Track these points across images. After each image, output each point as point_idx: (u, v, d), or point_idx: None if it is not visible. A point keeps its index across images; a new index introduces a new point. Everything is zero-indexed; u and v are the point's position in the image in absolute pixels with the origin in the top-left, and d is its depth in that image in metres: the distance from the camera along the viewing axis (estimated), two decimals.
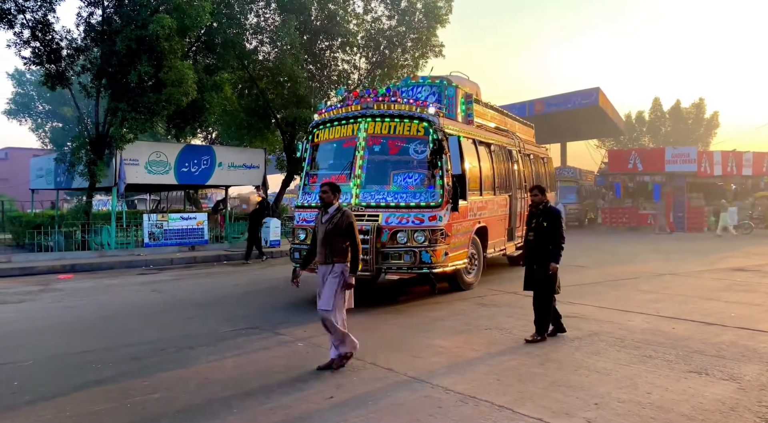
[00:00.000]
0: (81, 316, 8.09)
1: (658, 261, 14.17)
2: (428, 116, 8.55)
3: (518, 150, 12.50)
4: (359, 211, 8.13)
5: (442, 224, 8.19)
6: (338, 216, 5.36)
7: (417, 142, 8.62)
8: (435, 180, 8.39)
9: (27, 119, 39.44)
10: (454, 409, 4.34)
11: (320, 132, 9.31)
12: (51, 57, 15.57)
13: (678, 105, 43.10)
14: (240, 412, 4.32)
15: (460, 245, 8.89)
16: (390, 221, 8.12)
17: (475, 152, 9.89)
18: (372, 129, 8.71)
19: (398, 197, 8.35)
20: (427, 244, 8.01)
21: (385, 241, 8.03)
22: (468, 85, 11.66)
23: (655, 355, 5.72)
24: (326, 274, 5.35)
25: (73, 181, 17.88)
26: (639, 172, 27.34)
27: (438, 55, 22.36)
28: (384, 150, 8.76)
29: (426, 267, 8.05)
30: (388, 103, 8.75)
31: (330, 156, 9.41)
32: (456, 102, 10.23)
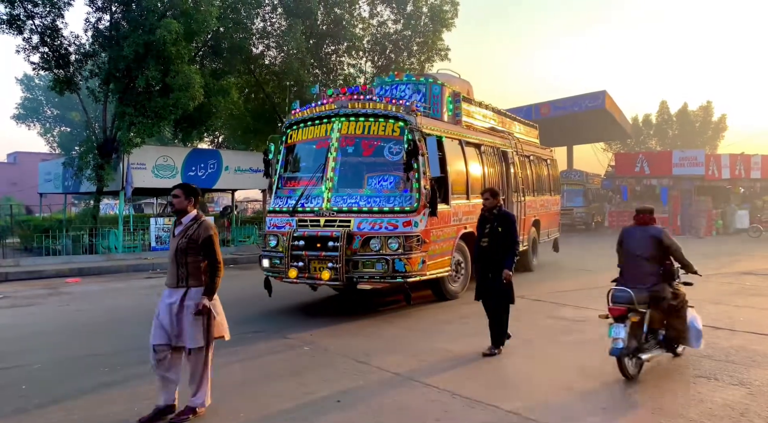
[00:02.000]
0: (89, 320, 8.13)
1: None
2: (404, 115, 8.01)
3: (515, 151, 11.90)
4: (330, 217, 7.76)
5: (417, 230, 7.64)
6: (194, 227, 4.30)
7: (392, 142, 8.09)
8: (411, 183, 7.84)
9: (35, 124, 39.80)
10: (461, 413, 4.33)
11: (294, 132, 8.83)
12: (59, 62, 15.72)
13: (685, 108, 42.94)
14: (248, 417, 4.32)
15: (441, 252, 8.34)
16: (362, 227, 7.61)
17: (461, 154, 9.35)
18: (345, 129, 8.21)
19: (371, 201, 7.81)
20: (401, 252, 7.46)
21: (357, 249, 7.51)
22: (457, 83, 11.17)
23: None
24: (179, 301, 4.25)
25: (81, 185, 18.00)
26: (646, 176, 27.21)
27: (444, 59, 22.41)
28: (358, 151, 8.27)
29: (400, 276, 7.49)
30: (363, 102, 8.24)
31: (304, 158, 8.93)
32: (442, 101, 9.77)
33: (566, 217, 27.82)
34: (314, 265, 7.60)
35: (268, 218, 8.70)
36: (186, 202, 4.35)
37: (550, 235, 14.17)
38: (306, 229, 7.82)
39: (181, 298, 4.25)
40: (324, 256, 7.51)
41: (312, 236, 7.69)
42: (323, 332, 7.04)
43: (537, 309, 8.41)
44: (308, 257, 7.61)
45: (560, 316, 7.86)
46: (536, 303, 8.91)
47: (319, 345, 6.43)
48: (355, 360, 5.76)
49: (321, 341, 6.58)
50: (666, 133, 42.86)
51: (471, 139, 9.92)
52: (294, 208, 8.09)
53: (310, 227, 7.81)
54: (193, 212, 4.37)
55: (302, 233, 7.75)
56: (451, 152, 8.76)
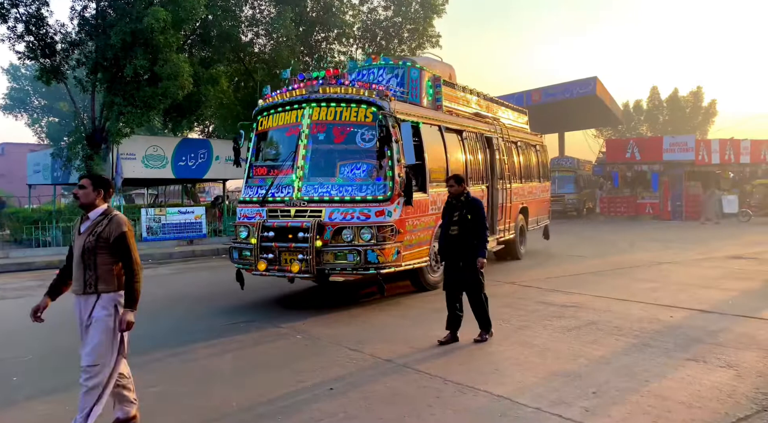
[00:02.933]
0: None
1: (657, 250, 14.19)
2: (376, 100, 7.68)
3: (501, 137, 11.61)
4: (301, 207, 7.53)
5: (391, 220, 7.39)
6: (104, 224, 3.69)
7: (365, 129, 7.77)
8: (384, 171, 7.56)
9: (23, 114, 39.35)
10: (452, 399, 4.36)
11: (264, 119, 8.52)
12: (45, 51, 15.50)
13: (675, 93, 43.07)
14: (240, 405, 4.33)
15: (419, 242, 8.10)
16: (334, 217, 7.37)
17: (441, 140, 9.02)
18: (316, 115, 7.91)
19: (343, 191, 7.55)
20: (374, 243, 7.21)
21: (328, 240, 7.28)
22: (438, 67, 10.80)
23: (653, 343, 5.74)
24: (88, 310, 3.72)
25: (71, 176, 17.84)
26: (637, 162, 27.32)
27: (435, 46, 22.32)
28: (329, 138, 7.96)
29: (373, 267, 7.23)
30: (334, 87, 7.91)
31: (275, 145, 8.63)
32: (421, 85, 9.42)
33: (557, 204, 27.92)
34: (285, 256, 7.40)
35: (238, 209, 8.49)
36: (94, 194, 3.74)
37: (540, 223, 14.01)
38: (276, 219, 7.61)
39: (95, 306, 3.68)
40: (294, 247, 7.31)
41: (282, 227, 7.48)
42: (315, 321, 7.05)
43: (527, 295, 8.46)
44: (278, 249, 7.42)
45: (550, 301, 7.91)
46: (526, 289, 8.96)
47: (312, 334, 6.44)
48: (348, 348, 5.78)
49: (313, 330, 6.60)
50: (657, 119, 43.01)
51: (452, 125, 9.59)
52: (264, 198, 7.88)
53: (281, 218, 7.60)
54: (102, 206, 3.76)
55: (272, 224, 7.55)
56: (429, 139, 8.55)
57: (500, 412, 4.07)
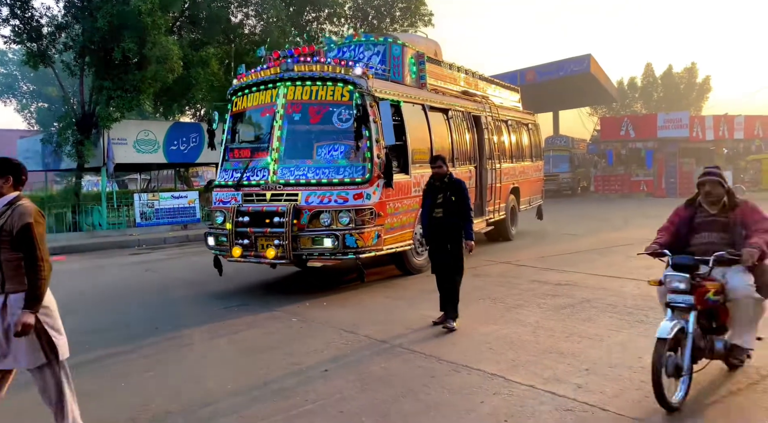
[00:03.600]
0: (75, 298, 8.07)
1: (651, 227, 14.10)
2: (352, 78, 7.39)
3: (490, 116, 11.31)
4: (277, 190, 7.29)
5: (370, 203, 7.17)
6: (8, 214, 3.21)
7: (342, 108, 7.49)
8: (362, 152, 7.32)
9: (11, 100, 38.84)
10: (446, 378, 4.38)
11: (239, 99, 8.24)
12: (32, 35, 15.26)
13: (670, 70, 42.86)
14: (236, 388, 4.34)
15: (401, 225, 7.91)
16: (310, 201, 7.15)
17: (424, 119, 8.74)
18: (291, 94, 7.61)
19: (320, 173, 7.29)
20: (352, 227, 7.01)
21: (305, 224, 7.07)
22: (423, 43, 10.53)
23: (646, 320, 5.77)
24: None
25: (62, 162, 17.73)
26: (631, 139, 27.30)
27: (428, 25, 22.08)
28: (305, 119, 7.68)
29: (352, 252, 7.07)
30: (309, 65, 7.60)
31: (250, 127, 8.40)
32: (403, 62, 9.10)
33: (552, 183, 27.95)
34: (261, 242, 7.20)
35: (214, 193, 8.25)
36: (1, 181, 3.28)
37: (532, 203, 13.80)
38: (251, 204, 7.40)
39: (3, 306, 3.18)
40: (270, 232, 7.10)
41: (257, 212, 7.26)
42: (310, 304, 7.06)
43: (521, 273, 8.49)
44: (254, 234, 7.22)
45: (544, 280, 7.93)
46: (521, 268, 8.99)
47: (306, 316, 6.45)
48: (343, 330, 5.79)
49: (307, 313, 6.61)
50: (651, 96, 42.86)
51: (436, 103, 9.29)
52: (239, 182, 7.65)
53: (256, 202, 7.39)
54: (10, 195, 3.28)
55: (247, 208, 7.35)
56: (412, 118, 8.30)
57: (494, 390, 4.09)
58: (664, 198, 25.02)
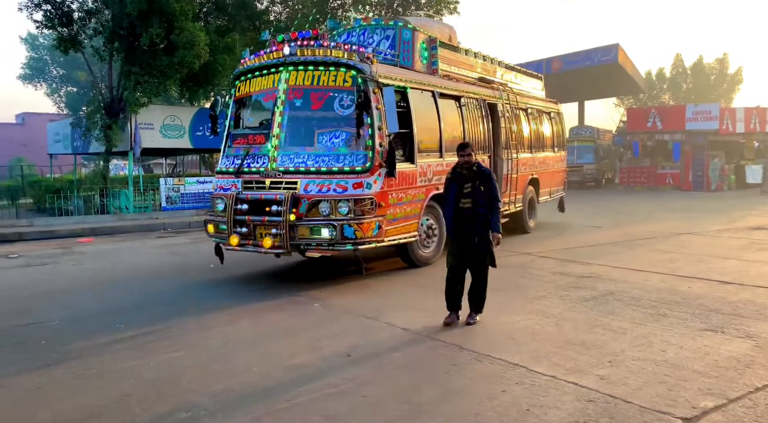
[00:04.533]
0: (103, 279, 8.28)
1: (676, 220, 14.03)
2: (355, 63, 7.18)
3: (508, 104, 10.91)
4: (276, 178, 7.12)
5: (370, 193, 6.98)
6: None
7: (344, 94, 7.27)
8: (363, 140, 7.11)
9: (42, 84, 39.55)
10: (468, 366, 4.41)
11: (242, 84, 8.07)
12: (63, 20, 15.51)
13: (700, 60, 41.83)
14: (260, 371, 4.43)
15: (405, 216, 7.67)
16: (309, 189, 6.96)
17: (434, 106, 8.47)
18: (293, 79, 7.40)
19: (320, 161, 7.10)
20: (351, 217, 6.83)
21: (303, 213, 6.89)
22: (437, 28, 10.15)
23: (670, 313, 5.72)
24: None
25: (90, 146, 18.06)
26: (658, 131, 26.79)
27: (453, 12, 21.90)
28: (306, 104, 7.45)
29: (350, 243, 6.88)
30: (312, 49, 7.37)
31: (252, 112, 8.26)
32: (413, 47, 8.78)
33: (576, 174, 27.64)
34: (260, 231, 7.06)
35: (215, 179, 8.14)
36: None
37: (553, 195, 13.36)
38: (251, 191, 7.28)
39: None
40: (267, 221, 6.95)
41: (256, 200, 7.14)
42: (332, 289, 7.14)
43: (544, 265, 8.45)
44: (252, 222, 7.08)
45: (567, 272, 7.89)
46: (543, 259, 8.95)
47: (328, 302, 6.52)
48: (364, 316, 5.85)
49: (330, 298, 6.68)
50: (680, 87, 41.92)
51: (447, 90, 8.96)
52: (239, 169, 7.51)
53: (255, 189, 7.27)
54: None
55: (246, 196, 7.22)
56: (420, 105, 8.09)
57: (516, 379, 4.11)
58: (691, 191, 24.60)
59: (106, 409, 3.78)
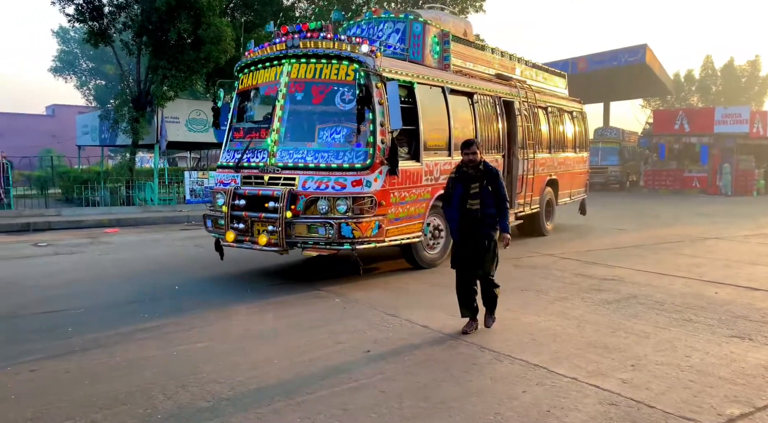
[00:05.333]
0: (128, 269, 8.42)
1: (703, 225, 13.78)
2: (358, 56, 6.91)
3: (525, 102, 10.54)
4: (275, 173, 6.94)
5: (370, 191, 6.74)
6: None
7: (345, 88, 7.04)
8: (364, 136, 6.87)
9: (72, 77, 40.32)
10: (488, 366, 4.39)
11: (245, 77, 7.86)
12: (93, 14, 15.81)
13: (731, 62, 40.97)
14: (280, 363, 4.47)
15: (409, 215, 7.44)
16: (307, 186, 6.75)
17: (443, 103, 8.19)
18: (295, 73, 7.19)
19: (319, 157, 6.89)
20: (349, 215, 6.61)
21: (300, 211, 6.70)
22: (451, 22, 9.78)
23: (696, 319, 5.63)
24: None
25: (117, 138, 18.36)
26: (686, 133, 26.35)
27: (479, 10, 21.78)
28: (308, 98, 7.27)
29: (348, 243, 6.65)
30: (315, 41, 7.12)
31: (254, 106, 8.05)
32: (424, 41, 8.50)
33: (600, 176, 27.33)
34: (257, 227, 6.89)
35: (216, 174, 8.01)
36: None
37: (574, 197, 12.94)
38: (249, 186, 7.10)
39: None
40: (264, 217, 6.78)
41: (253, 195, 6.95)
42: (352, 285, 7.16)
43: (566, 267, 8.36)
44: (249, 218, 6.92)
45: (590, 274, 7.80)
46: (565, 261, 8.86)
47: (349, 297, 6.54)
48: (384, 313, 5.86)
49: (350, 293, 6.70)
50: (709, 89, 41.11)
51: (458, 86, 8.63)
52: (238, 163, 7.34)
53: (254, 185, 7.08)
54: None
55: (244, 191, 7.04)
56: (428, 101, 7.84)
57: (537, 380, 4.08)
58: (718, 195, 24.13)
59: (130, 396, 3.85)
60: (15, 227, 12.89)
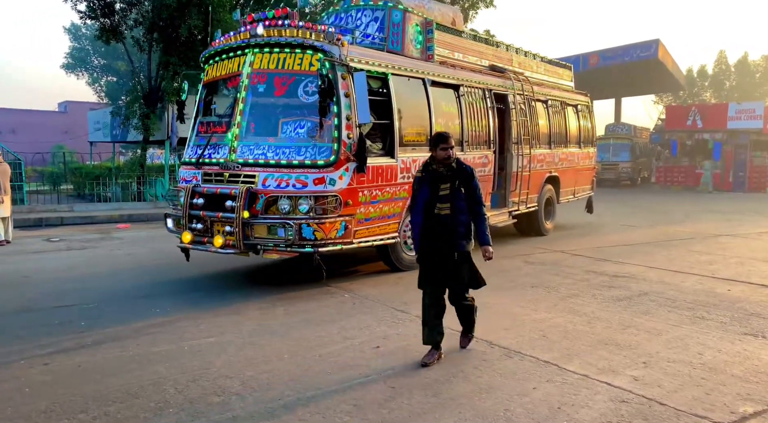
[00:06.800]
0: (140, 264, 8.49)
1: (715, 221, 13.65)
2: (321, 44, 6.49)
3: (520, 94, 9.98)
4: (235, 170, 6.52)
5: (334, 189, 6.31)
6: None
7: (309, 79, 6.57)
8: (328, 130, 6.42)
9: (83, 73, 40.61)
10: (498, 362, 4.39)
11: (210, 68, 7.45)
12: (105, 11, 15.90)
13: (745, 58, 40.52)
14: (291, 358, 4.49)
15: (382, 216, 7.00)
16: (268, 184, 6.33)
17: (424, 95, 7.75)
18: (258, 63, 6.77)
19: (280, 153, 6.46)
20: (311, 216, 6.19)
21: (259, 210, 6.28)
22: (436, 10, 9.31)
23: (708, 316, 5.58)
24: None
25: (128, 135, 18.49)
26: (698, 129, 26.07)
27: (489, 6, 21.64)
28: (270, 90, 6.84)
29: (309, 245, 6.22)
30: (279, 29, 6.68)
31: (218, 98, 7.60)
32: (404, 30, 8.01)
33: (611, 172, 27.17)
34: (217, 227, 6.51)
35: (180, 171, 7.61)
36: None
37: (578, 195, 12.41)
38: (210, 184, 6.71)
39: None
40: (222, 217, 6.39)
41: (212, 194, 6.56)
42: (363, 281, 7.17)
43: (576, 263, 8.32)
44: (208, 218, 6.54)
45: (601, 271, 7.76)
46: (576, 257, 8.81)
47: (359, 293, 6.55)
48: (394, 308, 5.87)
49: (360, 289, 6.71)
50: (722, 85, 40.69)
51: (441, 78, 8.17)
52: (199, 159, 6.96)
53: (215, 182, 6.70)
54: None
55: (203, 189, 6.66)
56: (405, 93, 7.43)
57: (547, 377, 4.07)
58: (731, 192, 23.89)
59: (142, 390, 3.89)
60: (28, 222, 13.02)
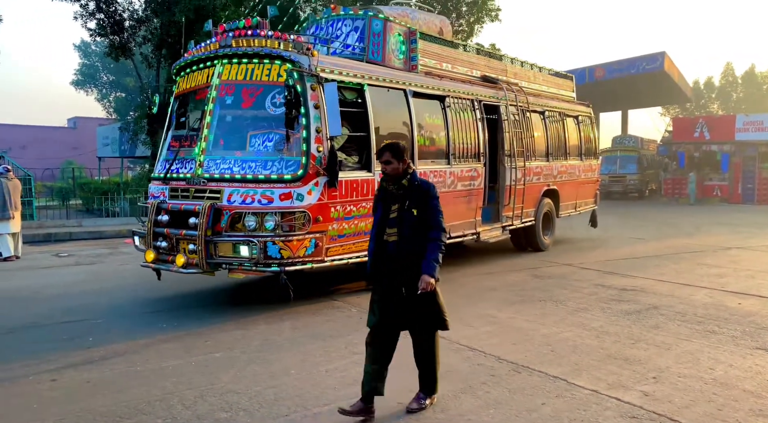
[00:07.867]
0: (146, 279, 8.47)
1: (725, 234, 13.55)
2: (290, 54, 6.30)
3: (515, 105, 9.72)
4: (201, 185, 6.33)
5: (302, 205, 6.05)
6: None
7: (277, 90, 6.38)
8: (296, 143, 6.22)
9: (93, 89, 41.12)
10: (507, 377, 4.35)
11: (182, 80, 7.30)
12: (114, 28, 16.16)
13: (752, 69, 40.50)
14: (298, 373, 4.47)
15: (357, 232, 6.71)
16: (233, 200, 6.09)
17: (405, 107, 7.54)
18: (226, 74, 6.58)
19: (246, 167, 6.23)
20: (277, 233, 5.93)
21: (224, 227, 6.04)
22: (421, 19, 9.09)
23: (719, 330, 5.52)
24: None
25: (137, 150, 18.65)
26: (706, 141, 25.98)
27: (494, 20, 21.80)
28: (237, 102, 6.64)
29: (275, 264, 5.95)
30: (248, 39, 6.51)
31: (188, 111, 7.35)
32: (384, 40, 7.72)
33: (618, 185, 27.09)
34: (182, 246, 6.27)
35: (149, 186, 7.43)
36: None
37: (580, 208, 12.09)
38: (176, 200, 6.54)
39: None
40: (185, 235, 6.15)
41: (176, 210, 6.35)
42: (369, 297, 7.12)
43: (585, 276, 8.27)
44: (173, 236, 6.32)
45: (609, 284, 7.71)
46: (584, 271, 8.77)
47: (365, 307, 6.45)
48: None
49: (366, 303, 6.63)
50: (729, 97, 40.64)
51: (425, 88, 7.94)
52: (166, 174, 6.81)
53: (180, 198, 6.52)
54: None
55: (167, 206, 6.46)
56: (383, 105, 7.23)
57: (556, 392, 4.03)
58: (740, 204, 23.73)
59: (149, 405, 3.88)
60: (37, 238, 13.11)
